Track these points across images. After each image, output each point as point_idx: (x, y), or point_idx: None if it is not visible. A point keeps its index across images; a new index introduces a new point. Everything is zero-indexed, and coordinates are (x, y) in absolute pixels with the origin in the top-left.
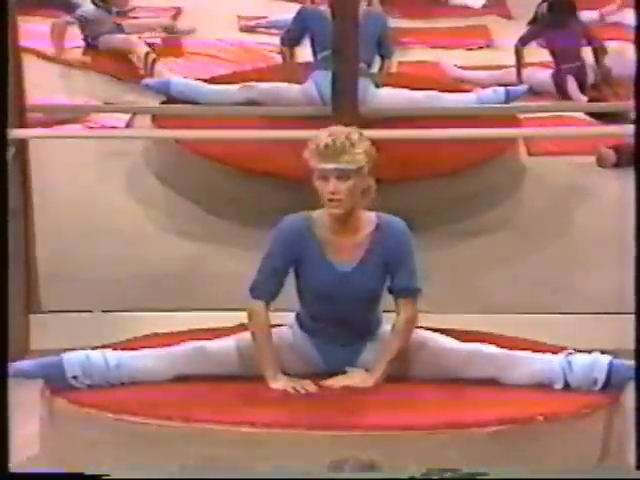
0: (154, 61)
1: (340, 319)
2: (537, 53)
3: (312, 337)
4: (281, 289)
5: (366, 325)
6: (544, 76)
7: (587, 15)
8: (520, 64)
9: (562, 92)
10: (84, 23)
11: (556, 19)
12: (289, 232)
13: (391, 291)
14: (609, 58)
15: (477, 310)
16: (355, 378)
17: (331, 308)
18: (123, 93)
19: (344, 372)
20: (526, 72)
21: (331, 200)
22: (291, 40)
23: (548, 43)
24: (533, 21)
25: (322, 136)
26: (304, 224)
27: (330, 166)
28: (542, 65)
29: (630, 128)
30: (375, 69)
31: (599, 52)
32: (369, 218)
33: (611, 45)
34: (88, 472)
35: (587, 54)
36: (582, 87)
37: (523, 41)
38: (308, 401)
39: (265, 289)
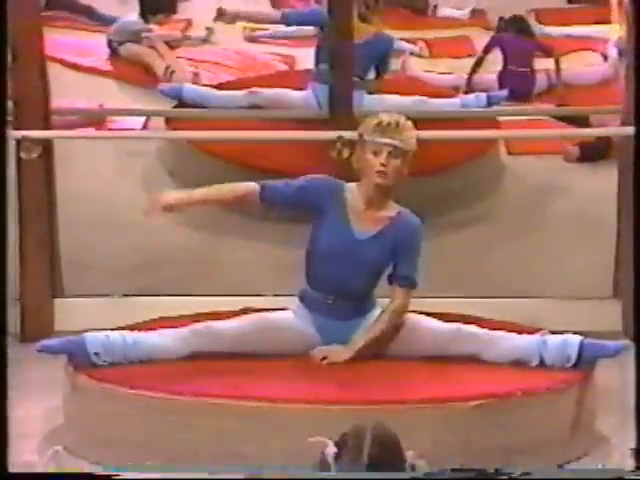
0: (172, 73)
1: (341, 289)
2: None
3: (312, 312)
4: (277, 196)
5: (362, 302)
6: (491, 78)
7: (547, 29)
8: (474, 70)
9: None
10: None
11: (511, 29)
12: (325, 181)
13: (391, 279)
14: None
15: (460, 294)
16: (335, 350)
17: (337, 275)
18: (139, 98)
19: None
20: (475, 77)
21: (380, 172)
22: (295, 23)
23: (502, 46)
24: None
25: (384, 115)
26: (339, 184)
27: (388, 141)
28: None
29: (630, 129)
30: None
31: (558, 61)
32: (393, 205)
33: (570, 56)
34: (98, 472)
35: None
36: (528, 93)
37: (486, 49)
38: (308, 377)
39: (268, 183)
